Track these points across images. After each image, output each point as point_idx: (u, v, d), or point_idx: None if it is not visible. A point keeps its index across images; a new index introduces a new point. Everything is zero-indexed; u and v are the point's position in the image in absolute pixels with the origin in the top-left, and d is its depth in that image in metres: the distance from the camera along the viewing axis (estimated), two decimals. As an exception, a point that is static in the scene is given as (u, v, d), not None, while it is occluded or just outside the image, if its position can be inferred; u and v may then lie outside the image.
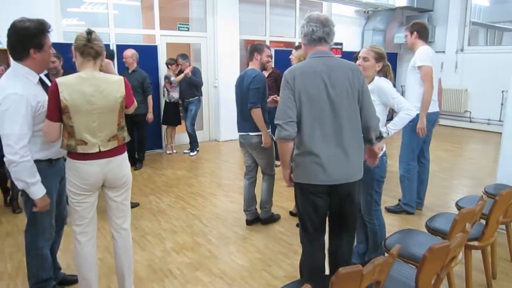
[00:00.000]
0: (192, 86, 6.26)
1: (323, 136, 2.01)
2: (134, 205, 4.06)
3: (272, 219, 3.77)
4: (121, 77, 2.23)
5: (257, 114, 3.34)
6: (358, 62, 2.69)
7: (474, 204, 2.42)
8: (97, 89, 2.08)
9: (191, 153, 6.56)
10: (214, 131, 7.78)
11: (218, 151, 7.02)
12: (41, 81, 2.22)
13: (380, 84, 2.65)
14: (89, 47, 2.08)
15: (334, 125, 2.02)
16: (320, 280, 2.08)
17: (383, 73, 2.75)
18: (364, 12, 9.51)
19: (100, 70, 2.18)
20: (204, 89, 7.62)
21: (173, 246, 3.32)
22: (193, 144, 6.58)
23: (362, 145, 2.15)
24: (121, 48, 5.77)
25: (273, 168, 3.70)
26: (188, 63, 6.24)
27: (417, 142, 3.77)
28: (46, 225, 2.33)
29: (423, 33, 3.76)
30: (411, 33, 3.79)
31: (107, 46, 6.01)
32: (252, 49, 3.54)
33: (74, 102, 2.02)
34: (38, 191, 2.11)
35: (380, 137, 2.40)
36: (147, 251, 3.23)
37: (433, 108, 3.75)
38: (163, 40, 6.88)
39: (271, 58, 3.82)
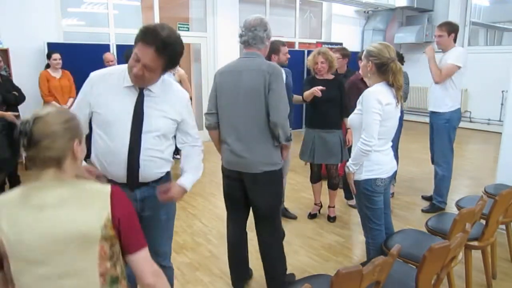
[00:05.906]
0: None
1: (231, 128, 2.31)
2: None
3: None
4: (107, 191, 1.18)
5: None
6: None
7: (474, 204, 2.42)
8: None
9: None
10: (214, 131, 7.76)
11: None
12: None
13: (365, 96, 2.27)
14: (32, 156, 1.12)
15: (239, 120, 2.27)
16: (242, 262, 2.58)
17: (385, 76, 2.28)
18: (364, 12, 9.51)
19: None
20: (204, 89, 7.65)
21: (173, 246, 3.28)
22: None
23: (269, 141, 2.30)
24: (121, 48, 5.77)
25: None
26: None
27: (452, 140, 3.85)
28: None
29: (456, 35, 3.80)
30: (449, 34, 3.74)
31: (107, 46, 6.01)
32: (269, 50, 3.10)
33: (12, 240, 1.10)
34: None
35: (289, 140, 2.36)
36: (147, 251, 3.22)
37: (457, 105, 3.83)
38: (163, 40, 6.88)
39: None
